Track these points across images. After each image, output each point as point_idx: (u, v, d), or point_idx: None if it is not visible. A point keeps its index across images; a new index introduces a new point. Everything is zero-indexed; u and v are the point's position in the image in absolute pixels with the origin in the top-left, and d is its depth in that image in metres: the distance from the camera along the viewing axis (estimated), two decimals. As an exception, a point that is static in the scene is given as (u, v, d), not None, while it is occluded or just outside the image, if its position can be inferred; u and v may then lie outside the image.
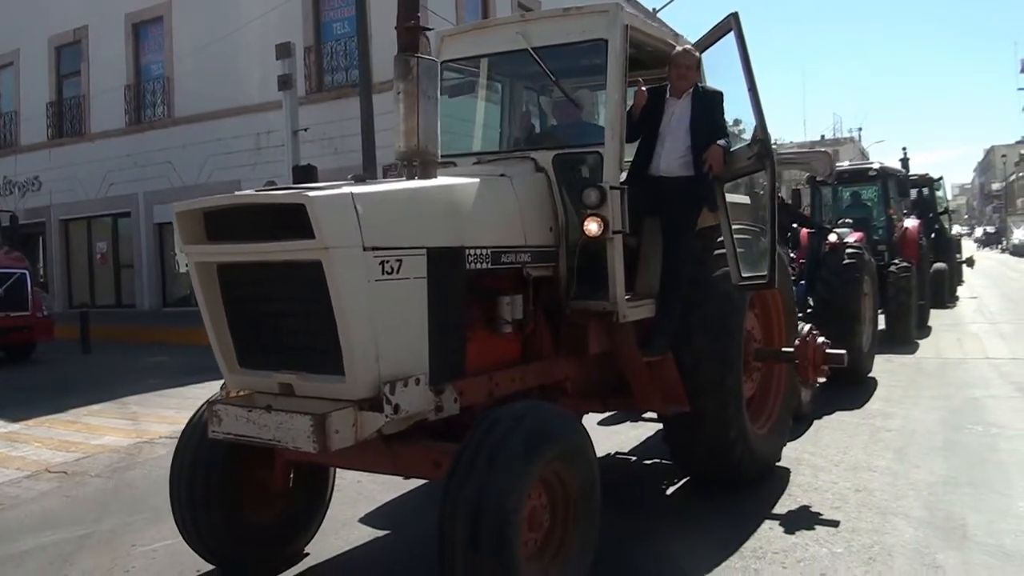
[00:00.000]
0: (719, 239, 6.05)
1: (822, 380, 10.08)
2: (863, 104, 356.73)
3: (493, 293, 5.19)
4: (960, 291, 24.29)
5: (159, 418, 10.01)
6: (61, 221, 26.71)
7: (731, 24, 5.72)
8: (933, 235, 20.35)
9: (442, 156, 6.00)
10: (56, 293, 25.72)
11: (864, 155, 76.72)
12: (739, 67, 5.71)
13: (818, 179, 14.19)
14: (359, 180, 4.53)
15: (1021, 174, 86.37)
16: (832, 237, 11.86)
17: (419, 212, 4.55)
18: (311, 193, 4.03)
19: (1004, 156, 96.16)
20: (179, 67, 23.68)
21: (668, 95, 5.98)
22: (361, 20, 16.31)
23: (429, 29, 5.07)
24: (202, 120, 22.70)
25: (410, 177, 4.86)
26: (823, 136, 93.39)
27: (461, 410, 4.71)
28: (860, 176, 16.98)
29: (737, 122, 7.14)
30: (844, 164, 18.95)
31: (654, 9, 27.90)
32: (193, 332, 11.44)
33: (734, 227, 6.04)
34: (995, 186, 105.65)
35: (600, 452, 7.80)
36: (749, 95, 5.67)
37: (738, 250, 5.92)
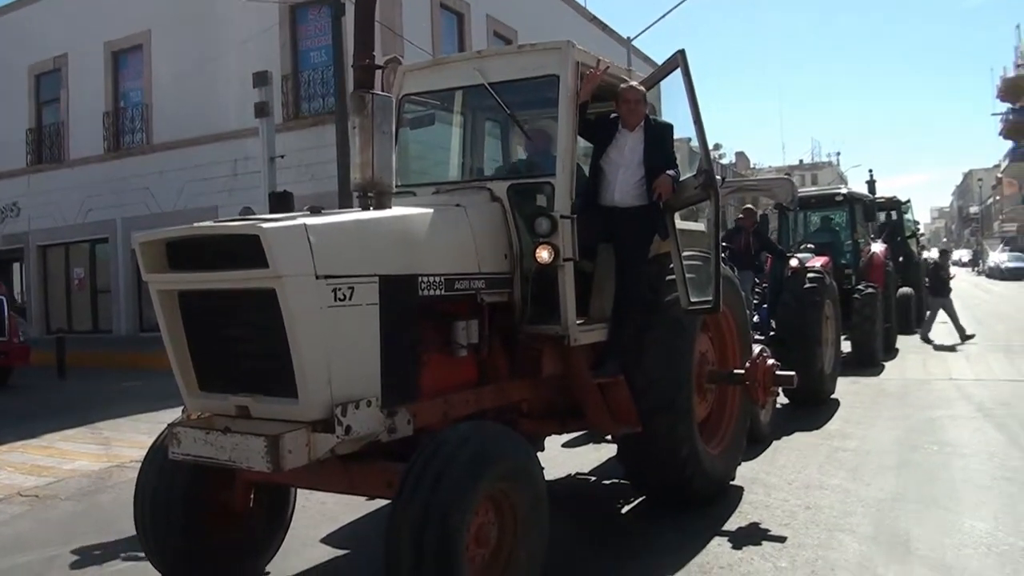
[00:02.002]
0: (671, 265, 6.28)
1: (783, 401, 10.37)
2: (841, 129, 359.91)
3: (448, 318, 5.39)
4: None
5: (131, 443, 10.13)
6: (39, 247, 26.75)
7: (678, 61, 5.98)
8: (901, 259, 20.64)
9: (404, 186, 6.26)
10: (34, 319, 25.71)
11: (843, 179, 77.54)
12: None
13: (782, 205, 14.46)
14: (315, 211, 4.73)
15: (997, 197, 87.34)
16: (794, 262, 12.10)
17: (371, 241, 4.75)
18: (265, 224, 4.23)
19: (980, 180, 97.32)
20: (157, 94, 23.86)
21: (620, 127, 6.23)
22: (337, 48, 16.54)
23: (382, 67, 5.29)
24: (180, 147, 22.87)
25: (365, 208, 5.08)
26: (802, 160, 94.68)
27: (416, 431, 4.90)
28: (827, 201, 17.30)
29: (718, 146, 7.43)
30: (811, 190, 19.25)
31: (628, 37, 28.30)
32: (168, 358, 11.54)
33: (687, 254, 6.29)
34: (972, 209, 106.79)
35: (561, 473, 8.10)
36: (694, 127, 5.92)
37: (688, 276, 6.15)
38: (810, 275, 11.74)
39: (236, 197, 19.87)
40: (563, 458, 8.46)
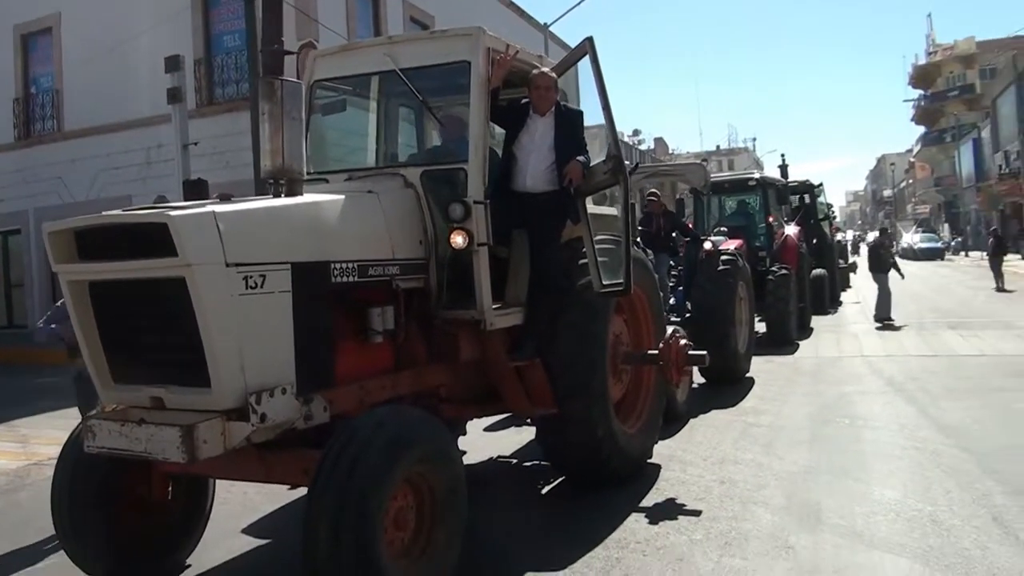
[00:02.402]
0: (584, 250, 6.38)
1: (700, 380, 10.59)
2: (757, 115, 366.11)
3: (363, 305, 5.41)
4: (847, 295, 25.32)
5: (49, 440, 9.90)
6: (-52, 239, 25.89)
7: (587, 48, 6.06)
8: (815, 241, 21.12)
9: (317, 173, 6.25)
10: (-57, 314, 24.91)
11: (759, 164, 79.05)
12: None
13: (692, 189, 14.73)
14: (225, 199, 4.71)
15: (910, 181, 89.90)
16: (707, 245, 12.34)
17: (282, 229, 4.74)
18: (174, 212, 4.21)
19: (893, 165, 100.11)
20: (68, 80, 23.13)
21: (531, 113, 6.29)
22: (251, 33, 16.22)
23: (291, 53, 5.25)
24: (92, 134, 22.24)
25: (276, 195, 5.07)
26: (719, 146, 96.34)
27: (332, 418, 4.92)
28: (741, 186, 17.67)
29: (637, 132, 7.50)
30: (725, 175, 19.56)
31: (545, 23, 28.38)
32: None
33: (599, 237, 6.40)
34: (886, 193, 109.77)
35: (483, 456, 8.19)
36: (603, 113, 6.02)
37: (600, 259, 6.26)
38: (723, 258, 11.97)
39: (150, 186, 19.42)
40: (484, 442, 8.56)
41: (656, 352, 7.25)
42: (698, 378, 11.17)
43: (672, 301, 12.29)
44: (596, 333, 6.49)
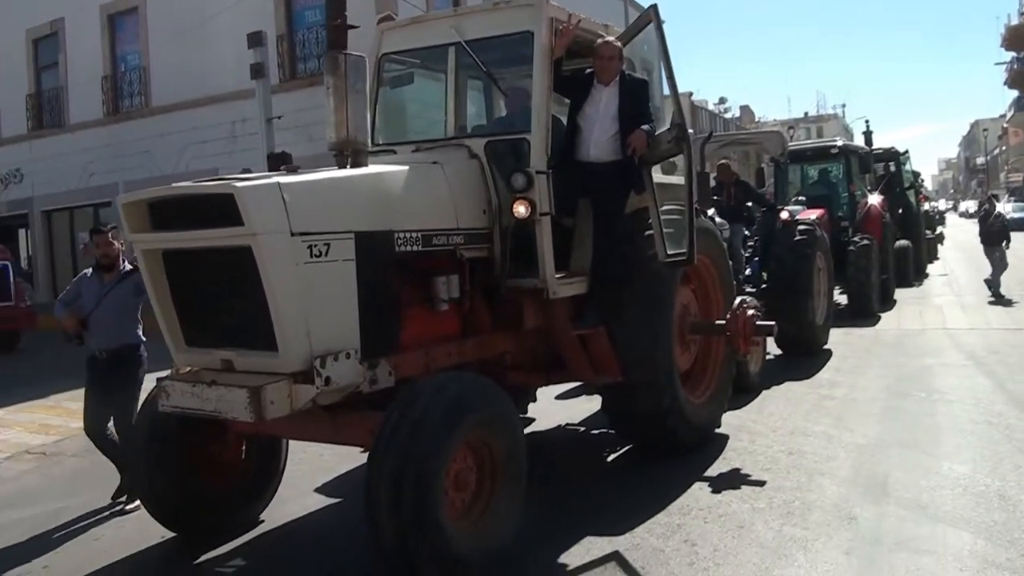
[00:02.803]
0: (650, 220, 6.37)
1: (777, 352, 10.49)
2: (846, 81, 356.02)
3: (429, 273, 5.53)
4: (934, 267, 24.50)
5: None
6: (43, 212, 26.84)
7: (651, 16, 6.04)
8: (900, 211, 20.54)
9: (385, 144, 6.36)
10: (40, 283, 25.90)
11: (847, 131, 77.05)
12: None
13: (772, 158, 14.43)
14: (291, 170, 4.85)
15: (1004, 147, 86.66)
16: (784, 214, 12.14)
17: (346, 199, 4.88)
18: (240, 184, 4.36)
19: (986, 131, 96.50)
20: (155, 57, 23.77)
21: (595, 82, 6.30)
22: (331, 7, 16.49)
23: (356, 27, 5.35)
24: (179, 109, 22.85)
25: (341, 166, 5.19)
26: (807, 113, 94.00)
27: (398, 383, 5.06)
28: (822, 154, 17.19)
29: (723, 100, 7.44)
30: (806, 143, 19.08)
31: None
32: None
33: (666, 207, 6.38)
34: (979, 160, 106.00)
35: (551, 423, 8.28)
36: (668, 82, 6.00)
37: (666, 230, 6.24)
38: (800, 227, 11.76)
39: (236, 159, 19.88)
40: (555, 409, 8.65)
41: (723, 322, 7.22)
42: (774, 349, 11.08)
43: (748, 271, 12.11)
44: (662, 303, 6.50)
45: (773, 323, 7.42)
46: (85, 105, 24.98)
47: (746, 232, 12.60)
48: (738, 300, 7.35)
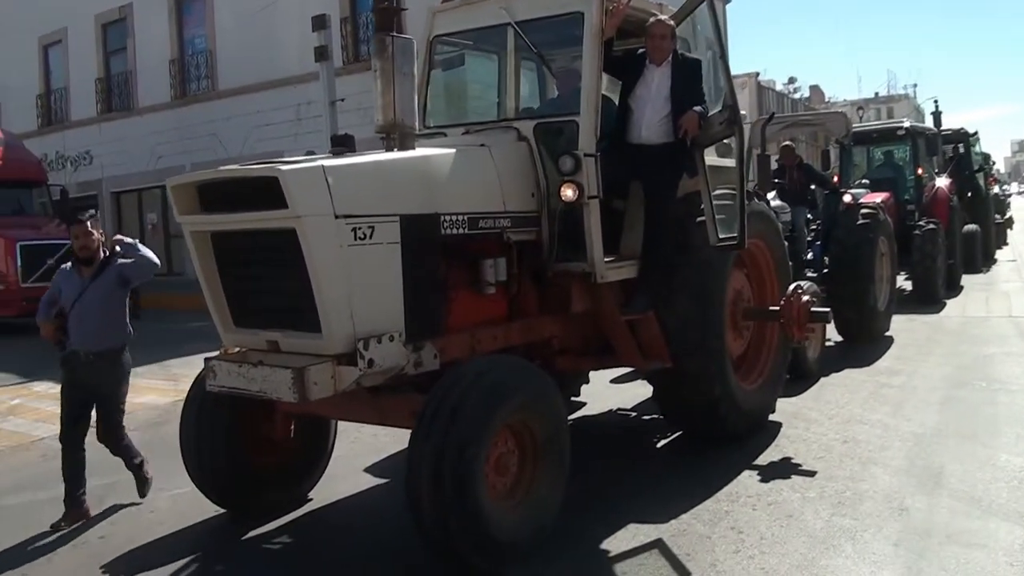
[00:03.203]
0: (702, 204, 6.28)
1: (837, 338, 10.30)
2: (918, 60, 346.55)
3: (475, 256, 5.52)
4: (1002, 253, 23.76)
5: (196, 380, 10.54)
6: (112, 193, 27.50)
7: (704, -6, 5.94)
8: (969, 194, 19.99)
9: (437, 127, 6.35)
10: (110, 263, 26.51)
11: (919, 112, 75.22)
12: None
13: (837, 140, 14.10)
14: (338, 153, 4.88)
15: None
16: (847, 198, 11.89)
17: (390, 182, 4.89)
18: (284, 167, 4.39)
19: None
20: (221, 41, 24.20)
21: (648, 63, 6.21)
22: (393, -10, 16.54)
23: (404, 9, 5.34)
24: (244, 93, 23.21)
25: (389, 149, 5.20)
26: (877, 93, 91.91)
27: (444, 365, 5.06)
28: (888, 135, 16.75)
29: (792, 80, 7.26)
30: (871, 124, 18.62)
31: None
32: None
33: (719, 191, 6.26)
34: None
35: (603, 407, 8.23)
36: (720, 63, 5.90)
37: (719, 215, 6.14)
38: (863, 211, 11.49)
39: (301, 141, 20.11)
40: (609, 393, 8.59)
41: (777, 308, 7.10)
42: (834, 335, 10.90)
43: (809, 255, 11.90)
44: (713, 289, 6.42)
45: (828, 310, 7.29)
46: (153, 89, 25.52)
47: (809, 215, 12.40)
48: (793, 286, 7.21)
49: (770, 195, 11.15)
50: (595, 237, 5.75)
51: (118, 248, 5.98)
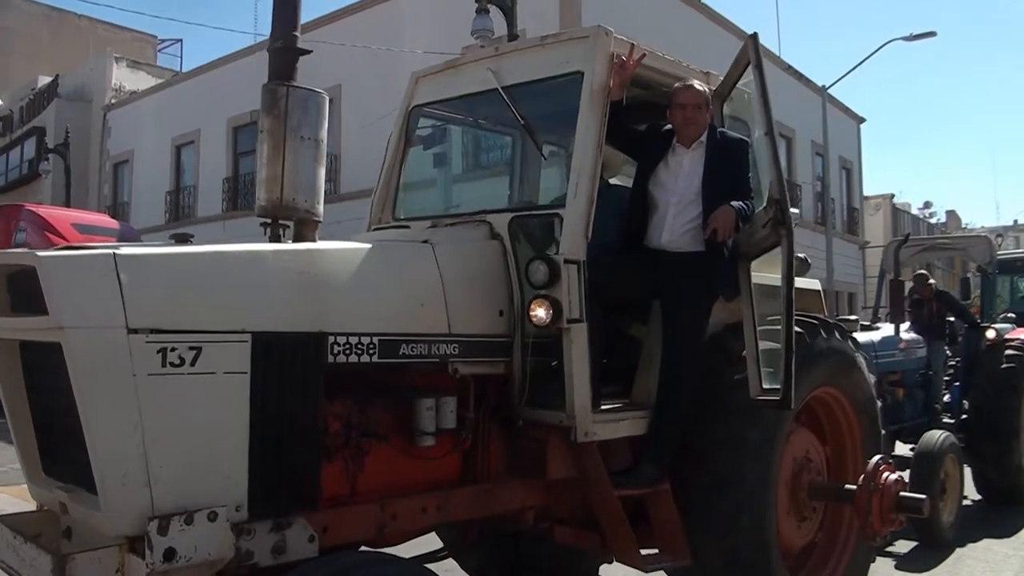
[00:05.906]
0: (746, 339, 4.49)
1: (975, 498, 8.36)
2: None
3: (407, 394, 3.98)
4: None
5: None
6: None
7: (748, 49, 4.33)
8: None
9: (402, 219, 4.97)
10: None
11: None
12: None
13: (979, 267, 12.03)
14: (181, 241, 3.45)
15: None
16: (991, 333, 9.84)
17: (239, 284, 3.36)
18: (48, 252, 3.00)
19: None
20: (346, 145, 23.98)
21: (675, 142, 4.61)
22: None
23: (307, 52, 3.99)
24: (364, 196, 22.69)
25: (274, 238, 3.77)
26: (1016, 221, 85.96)
27: (329, 550, 3.49)
28: None
29: (928, 204, 5.57)
30: (1018, 251, 16.32)
31: (824, 86, 26.09)
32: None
33: (767, 321, 4.49)
34: None
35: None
36: (766, 140, 4.22)
37: (765, 357, 4.37)
38: (1008, 352, 9.47)
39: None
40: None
41: (855, 487, 5.04)
42: (972, 493, 9.15)
43: (947, 398, 10.01)
44: (757, 450, 4.52)
45: (924, 497, 5.16)
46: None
47: (947, 351, 10.38)
48: (876, 458, 5.07)
49: (903, 327, 9.70)
50: (577, 377, 4.07)
51: None
